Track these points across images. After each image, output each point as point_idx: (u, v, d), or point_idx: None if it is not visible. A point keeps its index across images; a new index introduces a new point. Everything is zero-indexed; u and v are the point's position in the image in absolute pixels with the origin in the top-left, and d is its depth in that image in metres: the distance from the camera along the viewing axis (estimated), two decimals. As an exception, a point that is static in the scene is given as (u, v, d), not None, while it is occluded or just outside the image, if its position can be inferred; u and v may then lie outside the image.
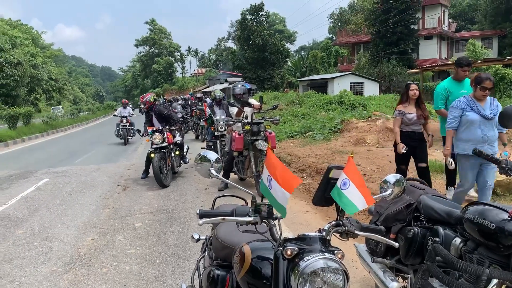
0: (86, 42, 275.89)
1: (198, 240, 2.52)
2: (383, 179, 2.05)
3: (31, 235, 5.30)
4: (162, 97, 39.45)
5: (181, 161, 8.89)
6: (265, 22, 45.37)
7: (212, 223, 2.24)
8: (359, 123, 13.15)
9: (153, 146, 7.78)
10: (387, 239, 1.80)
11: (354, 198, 1.65)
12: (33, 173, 9.83)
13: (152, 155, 7.71)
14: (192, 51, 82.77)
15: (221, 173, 2.11)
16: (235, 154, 7.27)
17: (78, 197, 7.33)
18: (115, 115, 16.84)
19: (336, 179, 1.72)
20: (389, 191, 2.00)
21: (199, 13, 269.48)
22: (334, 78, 30.96)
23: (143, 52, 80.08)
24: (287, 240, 1.60)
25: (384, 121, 13.00)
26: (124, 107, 16.46)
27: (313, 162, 8.53)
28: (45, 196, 7.47)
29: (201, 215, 1.80)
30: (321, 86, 30.72)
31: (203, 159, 2.03)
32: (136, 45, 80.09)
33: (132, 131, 15.91)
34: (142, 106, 8.68)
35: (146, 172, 8.62)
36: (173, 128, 8.27)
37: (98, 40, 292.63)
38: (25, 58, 37.29)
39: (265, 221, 1.72)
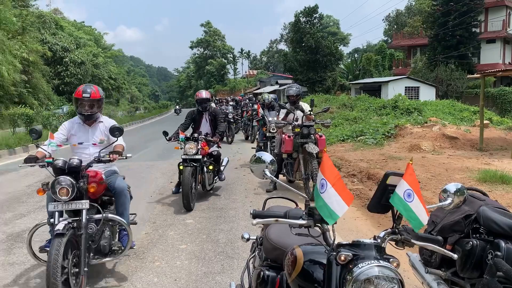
0: (144, 43, 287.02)
1: (248, 240, 2.54)
2: (443, 188, 1.99)
3: (90, 226, 5.57)
4: (213, 98, 40.17)
5: (216, 178, 7.22)
6: (319, 24, 44.96)
7: (263, 224, 2.27)
8: (414, 128, 12.73)
9: (183, 156, 6.34)
10: (445, 250, 1.75)
11: (420, 212, 1.61)
12: (92, 167, 10.32)
13: (181, 167, 6.40)
14: (244, 53, 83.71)
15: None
16: (284, 156, 7.28)
17: (133, 191, 7.54)
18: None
19: (394, 186, 1.69)
20: (449, 201, 1.94)
21: (253, 16, 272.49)
22: (388, 81, 30.21)
23: (198, 54, 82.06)
24: (341, 245, 1.59)
25: (441, 127, 12.50)
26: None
27: (364, 167, 8.36)
28: (103, 190, 7.82)
29: (255, 215, 1.83)
30: (375, 90, 30.04)
31: (258, 160, 2.06)
32: (191, 47, 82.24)
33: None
34: (199, 103, 7.09)
35: (179, 185, 6.89)
36: (210, 139, 6.71)
37: (156, 41, 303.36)
38: (88, 58, 39.32)
39: (319, 225, 1.71)
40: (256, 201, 6.62)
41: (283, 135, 7.20)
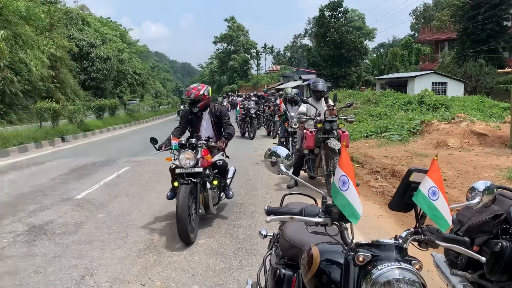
0: (169, 39, 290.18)
1: (265, 236, 2.48)
2: (471, 186, 1.87)
3: (111, 219, 5.62)
4: (236, 92, 40.20)
5: (222, 195, 5.61)
6: (343, 18, 44.40)
7: (279, 221, 2.19)
8: (440, 125, 12.38)
9: (178, 171, 4.88)
10: (472, 253, 1.63)
11: (445, 211, 1.50)
12: (115, 161, 10.47)
13: (176, 183, 4.95)
14: (267, 48, 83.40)
15: (291, 170, 2.04)
16: (305, 152, 7.16)
17: (154, 186, 7.66)
18: None
19: (417, 183, 1.58)
20: (477, 199, 1.81)
21: (277, 10, 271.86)
22: (414, 77, 29.58)
23: (221, 49, 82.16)
24: (359, 245, 1.49)
25: (469, 124, 12.12)
26: None
27: (388, 164, 8.17)
28: (125, 184, 7.90)
29: (269, 212, 1.75)
30: (400, 85, 29.44)
31: (273, 154, 1.98)
32: (215, 42, 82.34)
33: None
34: (189, 104, 5.64)
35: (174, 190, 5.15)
36: (213, 145, 5.24)
37: (180, 37, 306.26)
38: (113, 53, 39.99)
39: (336, 223, 1.62)
40: (276, 197, 6.55)
41: (305, 131, 7.08)
